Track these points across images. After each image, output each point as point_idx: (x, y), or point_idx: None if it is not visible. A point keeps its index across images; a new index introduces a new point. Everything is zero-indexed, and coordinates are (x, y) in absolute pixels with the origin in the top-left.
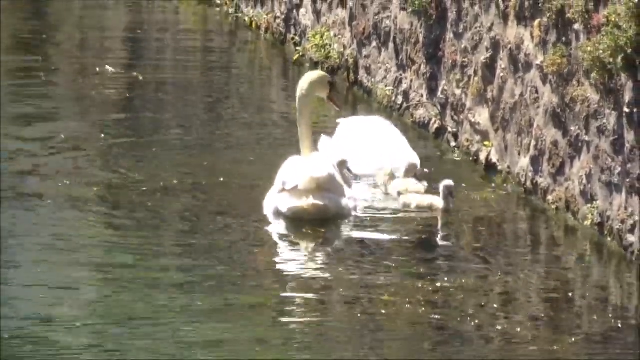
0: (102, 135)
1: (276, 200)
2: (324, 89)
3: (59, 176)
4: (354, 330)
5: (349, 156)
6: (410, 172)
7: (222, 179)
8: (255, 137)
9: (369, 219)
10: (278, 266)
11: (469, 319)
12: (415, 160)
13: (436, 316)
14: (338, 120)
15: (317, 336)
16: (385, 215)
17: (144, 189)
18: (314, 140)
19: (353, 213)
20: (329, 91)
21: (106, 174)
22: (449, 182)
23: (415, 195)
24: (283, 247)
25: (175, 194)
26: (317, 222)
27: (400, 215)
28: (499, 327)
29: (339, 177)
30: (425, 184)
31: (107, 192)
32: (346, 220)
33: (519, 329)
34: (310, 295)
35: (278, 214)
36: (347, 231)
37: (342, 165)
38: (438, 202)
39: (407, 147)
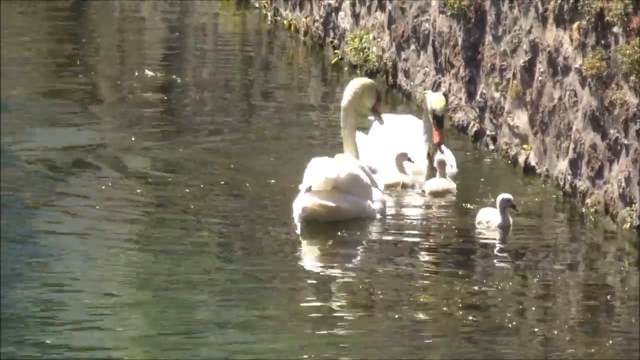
0: (133, 138)
1: (299, 203)
2: (371, 98)
3: (97, 178)
4: (392, 332)
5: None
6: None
7: (259, 182)
8: (293, 140)
9: (405, 221)
10: (312, 270)
11: (506, 321)
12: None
13: (474, 319)
14: (370, 118)
15: (356, 339)
16: (421, 218)
17: (187, 190)
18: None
19: (378, 216)
20: (376, 101)
21: (145, 177)
22: (507, 195)
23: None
24: (319, 251)
25: (212, 197)
26: (350, 225)
27: (437, 217)
28: (536, 330)
29: (364, 179)
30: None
31: (147, 194)
32: (381, 223)
33: (556, 332)
34: (348, 298)
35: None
36: (383, 234)
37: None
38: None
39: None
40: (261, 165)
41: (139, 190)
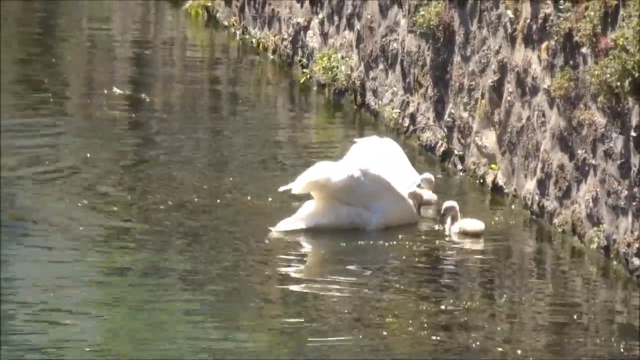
0: (88, 155)
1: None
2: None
3: (67, 196)
4: (356, 351)
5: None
6: (428, 184)
7: (227, 198)
8: (260, 159)
9: (369, 242)
10: (280, 284)
11: (471, 341)
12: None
13: (439, 338)
14: (355, 140)
15: (320, 356)
16: (386, 237)
17: (161, 207)
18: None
19: (369, 228)
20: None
21: (113, 195)
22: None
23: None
24: (289, 264)
25: (186, 213)
26: (324, 239)
27: (406, 236)
28: (501, 350)
29: (362, 187)
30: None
31: (115, 213)
32: (345, 241)
33: (519, 352)
34: (313, 315)
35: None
36: (353, 251)
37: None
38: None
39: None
40: (228, 183)
41: (106, 210)
